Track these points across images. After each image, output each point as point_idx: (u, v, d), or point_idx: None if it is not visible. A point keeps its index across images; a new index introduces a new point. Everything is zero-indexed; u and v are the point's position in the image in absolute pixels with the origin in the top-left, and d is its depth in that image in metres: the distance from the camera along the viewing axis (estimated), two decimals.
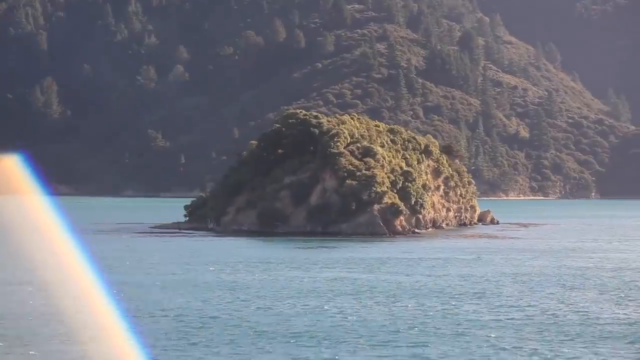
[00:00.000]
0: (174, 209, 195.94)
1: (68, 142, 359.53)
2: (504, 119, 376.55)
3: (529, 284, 73.08)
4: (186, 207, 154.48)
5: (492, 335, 49.40)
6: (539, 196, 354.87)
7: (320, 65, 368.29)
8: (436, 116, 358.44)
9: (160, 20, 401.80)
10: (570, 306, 60.35)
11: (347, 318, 55.16)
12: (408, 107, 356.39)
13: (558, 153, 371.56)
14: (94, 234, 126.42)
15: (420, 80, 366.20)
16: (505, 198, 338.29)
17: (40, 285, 66.74)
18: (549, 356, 44.68)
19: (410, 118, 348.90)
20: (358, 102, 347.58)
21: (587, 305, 61.02)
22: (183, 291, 66.72)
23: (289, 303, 61.24)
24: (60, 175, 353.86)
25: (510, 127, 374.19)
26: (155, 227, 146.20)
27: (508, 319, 55.05)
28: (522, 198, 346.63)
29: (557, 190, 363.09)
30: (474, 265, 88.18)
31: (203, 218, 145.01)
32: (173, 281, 72.97)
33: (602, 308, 59.66)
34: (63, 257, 62.66)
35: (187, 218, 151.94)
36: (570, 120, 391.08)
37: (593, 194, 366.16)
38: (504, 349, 46.24)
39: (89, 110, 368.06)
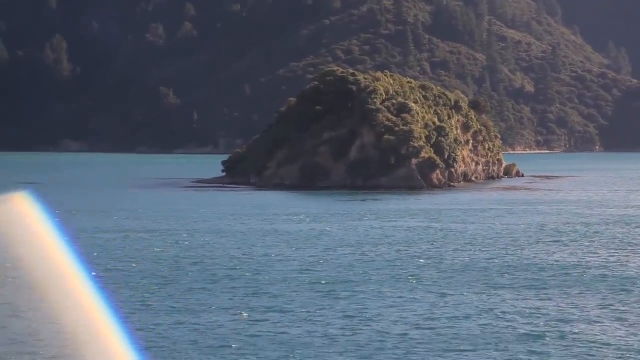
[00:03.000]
0: (199, 164, 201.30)
1: (79, 99, 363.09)
2: (510, 74, 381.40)
3: (587, 230, 78.77)
4: (224, 163, 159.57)
5: (579, 281, 54.78)
6: (544, 149, 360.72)
7: (327, 21, 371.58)
8: (443, 71, 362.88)
9: None
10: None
11: (443, 262, 60.53)
12: (415, 62, 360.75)
13: (562, 107, 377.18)
14: (147, 189, 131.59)
15: (426, 36, 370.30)
16: (511, 152, 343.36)
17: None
18: None
19: (417, 74, 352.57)
20: (366, 58, 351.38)
21: None
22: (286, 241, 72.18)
23: (385, 250, 66.60)
24: (72, 132, 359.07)
25: (516, 81, 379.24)
26: (197, 182, 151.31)
27: (586, 262, 60.61)
28: (528, 152, 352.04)
29: (562, 144, 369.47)
30: (530, 214, 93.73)
31: (243, 173, 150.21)
32: (272, 230, 78.41)
33: None
34: None
35: (225, 173, 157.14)
36: (573, 74, 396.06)
37: (597, 147, 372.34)
38: (599, 291, 51.39)
39: (98, 68, 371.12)
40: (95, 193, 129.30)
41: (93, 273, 55.90)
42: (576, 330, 40.17)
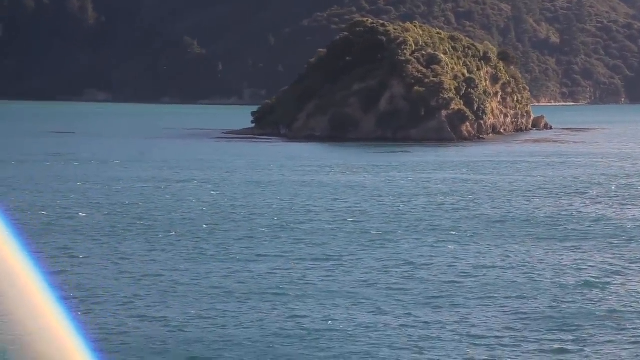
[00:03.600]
0: (226, 115, 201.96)
1: (103, 48, 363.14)
2: (535, 25, 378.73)
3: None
4: (253, 114, 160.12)
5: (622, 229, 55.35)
6: (569, 102, 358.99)
7: None
8: (468, 22, 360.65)
9: None
10: None
11: (482, 214, 61.09)
12: (440, 13, 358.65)
13: (588, 58, 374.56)
14: (178, 139, 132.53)
15: None
16: (537, 104, 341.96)
17: None
18: None
19: (442, 24, 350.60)
20: (391, 8, 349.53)
21: None
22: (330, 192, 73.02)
23: (422, 201, 67.28)
24: (97, 82, 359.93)
25: (541, 32, 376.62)
26: (228, 133, 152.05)
27: (625, 213, 61.06)
28: (553, 104, 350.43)
29: (588, 96, 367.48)
30: (562, 167, 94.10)
31: (274, 124, 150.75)
32: (309, 182, 79.21)
33: None
34: None
35: (255, 124, 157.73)
36: (599, 25, 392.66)
37: (623, 99, 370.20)
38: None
39: (123, 17, 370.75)
40: (127, 143, 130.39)
41: (138, 221, 57.02)
42: (621, 281, 40.75)
